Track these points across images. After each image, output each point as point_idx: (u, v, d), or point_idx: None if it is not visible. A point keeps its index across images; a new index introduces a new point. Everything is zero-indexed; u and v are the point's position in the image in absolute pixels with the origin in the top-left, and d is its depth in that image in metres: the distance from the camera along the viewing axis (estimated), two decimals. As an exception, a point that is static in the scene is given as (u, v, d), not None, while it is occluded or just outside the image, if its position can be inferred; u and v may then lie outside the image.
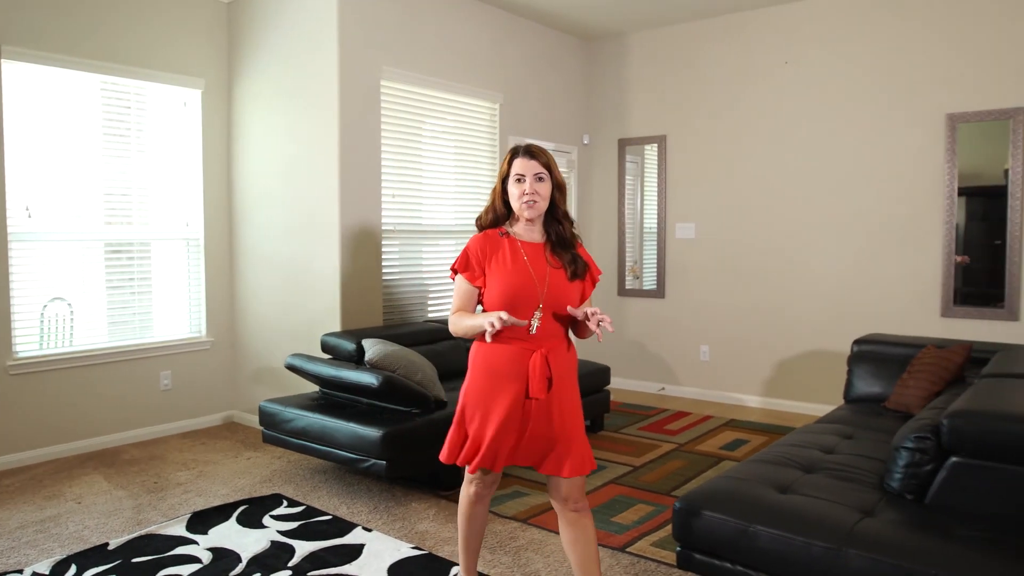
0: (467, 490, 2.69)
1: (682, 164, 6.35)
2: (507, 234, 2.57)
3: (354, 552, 3.28)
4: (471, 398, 2.54)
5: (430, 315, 5.49)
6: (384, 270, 5.12)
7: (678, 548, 2.68)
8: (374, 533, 3.48)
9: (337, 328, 4.78)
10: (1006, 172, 4.98)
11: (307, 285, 4.99)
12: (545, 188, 2.52)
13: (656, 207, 6.51)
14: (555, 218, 2.59)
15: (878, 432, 3.44)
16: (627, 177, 6.75)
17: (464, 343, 3.67)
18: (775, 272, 5.90)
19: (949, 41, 5.14)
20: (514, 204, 2.53)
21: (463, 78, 5.58)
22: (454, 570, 3.10)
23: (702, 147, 6.24)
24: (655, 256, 6.54)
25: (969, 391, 2.91)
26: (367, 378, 3.87)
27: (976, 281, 5.17)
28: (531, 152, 2.52)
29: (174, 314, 5.28)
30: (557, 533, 3.44)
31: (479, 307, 2.61)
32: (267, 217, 5.22)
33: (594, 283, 2.64)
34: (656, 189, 6.51)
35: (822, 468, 2.95)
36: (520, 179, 2.50)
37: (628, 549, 3.31)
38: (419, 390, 3.98)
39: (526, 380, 2.44)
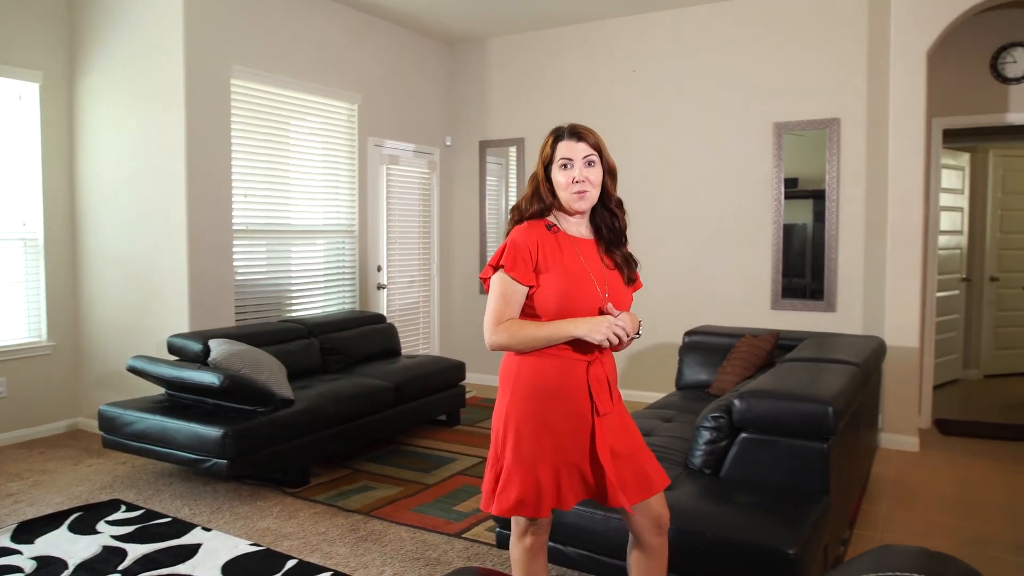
0: (521, 544, 2.17)
1: (540, 166, 6.58)
2: (556, 228, 2.13)
3: (189, 552, 3.27)
4: (526, 429, 2.04)
5: (296, 314, 5.47)
6: (238, 270, 5.07)
7: (497, 529, 2.84)
8: (213, 532, 3.47)
9: (186, 329, 4.70)
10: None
11: (154, 286, 4.88)
12: (596, 174, 2.12)
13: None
14: (606, 208, 2.18)
15: (695, 415, 3.72)
16: (490, 178, 6.92)
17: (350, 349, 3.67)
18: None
19: (777, 56, 5.58)
20: (561, 195, 2.11)
21: (319, 78, 5.59)
22: None
23: (558, 150, 6.48)
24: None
25: (766, 374, 3.22)
26: (209, 378, 3.85)
27: (800, 276, 5.63)
28: (578, 133, 2.13)
29: (11, 318, 5.03)
30: (399, 524, 3.56)
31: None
32: (112, 216, 5.06)
33: (637, 287, 2.25)
34: (516, 190, 6.71)
35: (637, 449, 3.18)
36: (567, 164, 2.09)
37: (464, 535, 3.45)
38: (264, 388, 3.99)
39: (587, 397, 2.05)
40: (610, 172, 2.18)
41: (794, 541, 2.33)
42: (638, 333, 2.08)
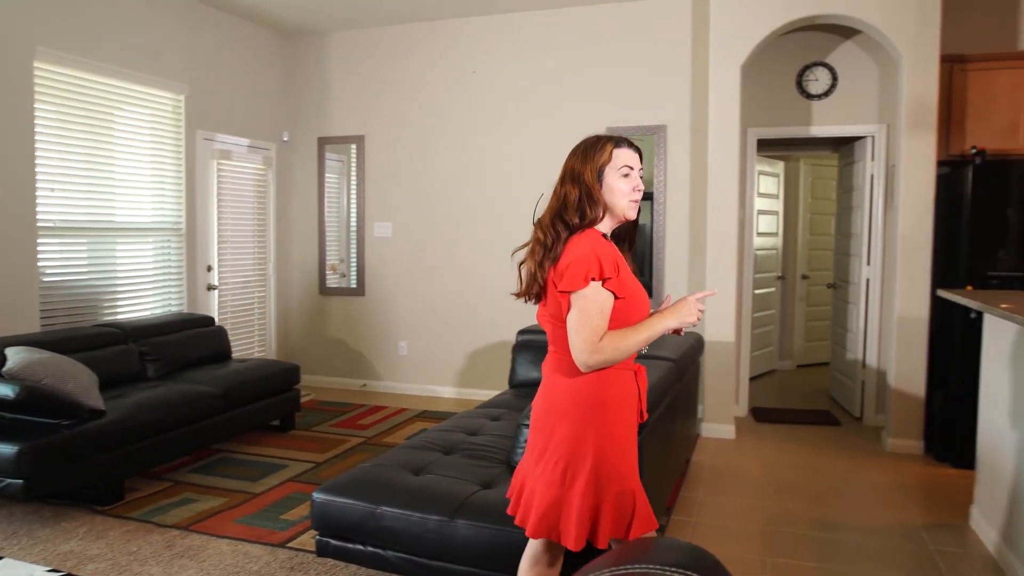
0: (532, 572, 2.18)
1: (380, 164, 6.51)
2: (607, 237, 2.11)
3: (-25, 582, 2.97)
4: (614, 445, 2.00)
5: (116, 318, 5.09)
6: (46, 271, 4.66)
7: (316, 536, 2.77)
8: (4, 560, 3.17)
9: (-20, 336, 4.27)
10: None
11: (-58, 288, 4.40)
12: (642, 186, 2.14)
13: (356, 206, 6.60)
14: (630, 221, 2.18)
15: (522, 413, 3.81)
16: (330, 176, 6.76)
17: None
18: (464, 269, 6.25)
19: (609, 64, 5.80)
20: (619, 200, 2.07)
21: (141, 66, 5.24)
22: None
23: (398, 148, 6.43)
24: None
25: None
26: (2, 390, 3.51)
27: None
28: (633, 144, 2.15)
29: None
30: (220, 537, 3.40)
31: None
32: None
33: None
34: (357, 189, 6.60)
35: (461, 449, 3.21)
36: (628, 173, 2.08)
37: (289, 544, 3.34)
38: (70, 399, 3.70)
39: (638, 403, 2.10)
40: None
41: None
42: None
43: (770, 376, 7.43)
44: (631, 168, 2.08)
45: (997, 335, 3.46)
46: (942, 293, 3.78)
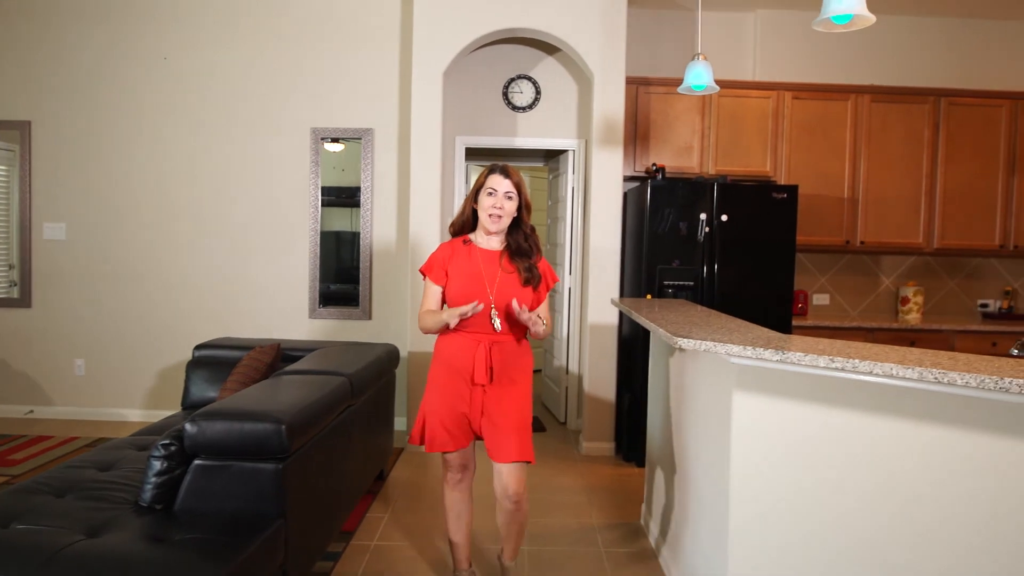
0: (443, 480, 2.97)
1: (52, 156, 5.65)
2: (469, 242, 2.83)
3: None
4: (429, 385, 2.85)
5: None
6: None
7: None
8: None
9: None
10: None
11: None
12: (512, 206, 2.74)
13: (19, 203, 5.67)
14: (521, 232, 2.80)
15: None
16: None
17: None
18: (156, 277, 5.61)
19: (317, 61, 5.50)
20: (481, 214, 2.75)
21: None
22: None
23: (76, 138, 5.63)
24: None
25: (238, 393, 2.99)
26: None
27: (339, 284, 5.61)
28: (506, 172, 2.74)
29: None
30: None
31: (444, 304, 2.84)
32: None
33: (548, 289, 2.87)
34: (19, 183, 5.67)
35: (80, 489, 2.73)
36: (492, 192, 2.72)
37: None
38: None
39: (471, 368, 2.74)
40: (526, 207, 2.80)
41: (220, 574, 2.12)
42: (539, 318, 2.73)
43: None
44: (494, 190, 2.72)
45: (657, 341, 3.65)
46: (613, 302, 3.94)
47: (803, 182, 5.32)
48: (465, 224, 2.85)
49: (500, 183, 2.71)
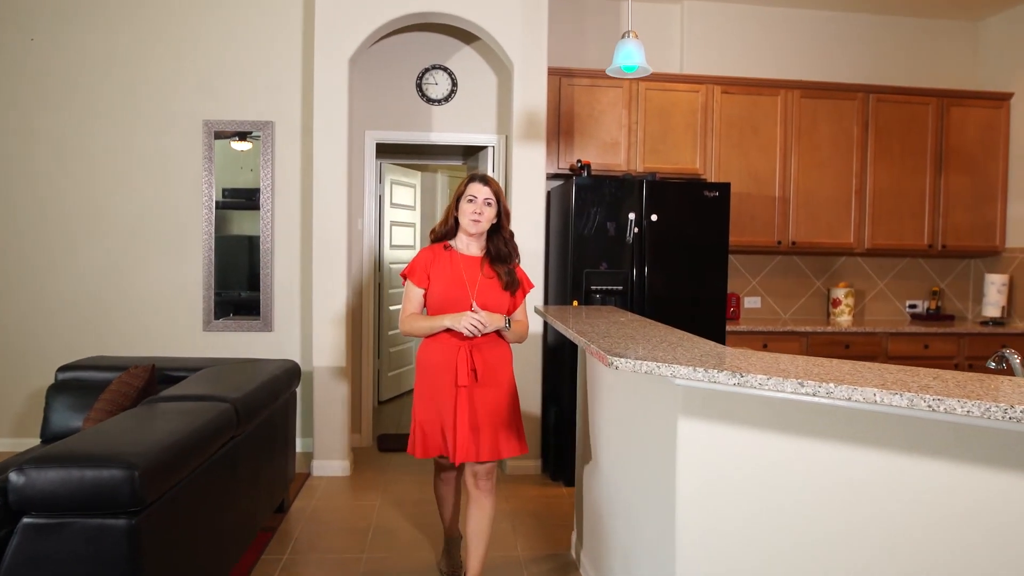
0: (436, 477, 3.14)
1: (-103, 151, 4.93)
2: (450, 248, 2.91)
3: None
4: (418, 395, 2.90)
5: None
6: None
7: None
8: None
9: None
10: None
11: None
12: (491, 212, 2.85)
13: None
14: (500, 237, 2.91)
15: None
16: None
17: None
18: (23, 288, 4.95)
19: (211, 46, 4.95)
20: (462, 219, 2.85)
21: None
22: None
23: (-74, 132, 4.92)
24: None
25: (92, 428, 2.49)
26: None
27: (237, 293, 5.08)
28: (486, 180, 2.86)
29: None
30: None
31: (423, 309, 2.90)
32: None
33: (525, 293, 2.97)
34: None
35: None
36: (472, 200, 2.83)
37: None
38: None
39: (455, 371, 2.79)
40: (505, 214, 2.91)
41: None
42: (507, 325, 2.84)
43: (409, 395, 7.06)
44: (474, 196, 2.83)
45: (582, 351, 3.30)
46: (537, 310, 3.57)
47: (734, 180, 5.08)
48: (448, 232, 2.93)
49: (480, 190, 2.83)
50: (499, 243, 2.91)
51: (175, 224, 4.97)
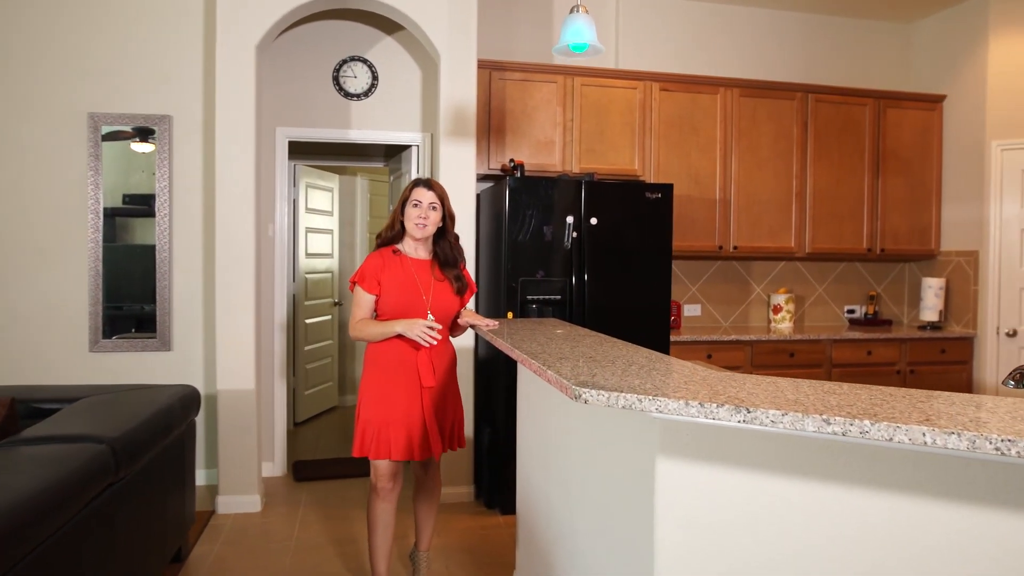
0: (371, 491, 2.95)
1: None
2: (398, 252, 2.92)
3: None
4: (371, 395, 2.85)
5: None
6: None
7: None
8: None
9: None
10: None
11: None
12: (436, 216, 2.88)
13: None
14: (447, 241, 2.96)
15: None
16: None
17: None
18: None
19: (98, 29, 4.37)
20: (408, 224, 2.87)
21: None
22: None
23: None
24: None
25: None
26: None
27: (131, 308, 4.51)
28: (430, 184, 2.89)
29: None
30: None
31: (374, 313, 2.89)
32: None
33: (472, 294, 3.05)
34: None
35: None
36: (417, 204, 2.86)
37: None
38: None
39: (416, 372, 2.83)
40: (450, 217, 2.96)
41: None
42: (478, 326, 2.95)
43: (329, 415, 6.55)
44: (419, 201, 2.86)
45: (525, 370, 2.93)
46: (471, 326, 3.19)
47: (674, 182, 4.82)
48: (395, 236, 2.93)
49: (424, 195, 2.85)
50: (445, 247, 2.96)
51: (55, 231, 4.37)
